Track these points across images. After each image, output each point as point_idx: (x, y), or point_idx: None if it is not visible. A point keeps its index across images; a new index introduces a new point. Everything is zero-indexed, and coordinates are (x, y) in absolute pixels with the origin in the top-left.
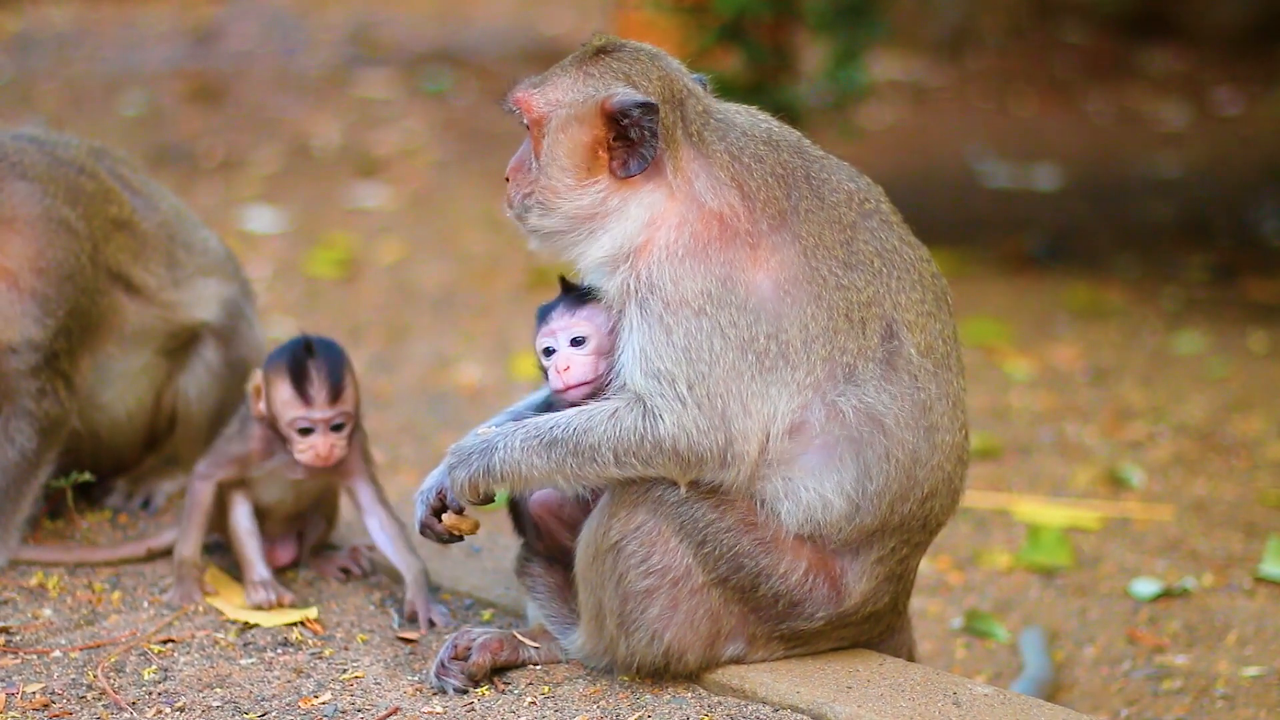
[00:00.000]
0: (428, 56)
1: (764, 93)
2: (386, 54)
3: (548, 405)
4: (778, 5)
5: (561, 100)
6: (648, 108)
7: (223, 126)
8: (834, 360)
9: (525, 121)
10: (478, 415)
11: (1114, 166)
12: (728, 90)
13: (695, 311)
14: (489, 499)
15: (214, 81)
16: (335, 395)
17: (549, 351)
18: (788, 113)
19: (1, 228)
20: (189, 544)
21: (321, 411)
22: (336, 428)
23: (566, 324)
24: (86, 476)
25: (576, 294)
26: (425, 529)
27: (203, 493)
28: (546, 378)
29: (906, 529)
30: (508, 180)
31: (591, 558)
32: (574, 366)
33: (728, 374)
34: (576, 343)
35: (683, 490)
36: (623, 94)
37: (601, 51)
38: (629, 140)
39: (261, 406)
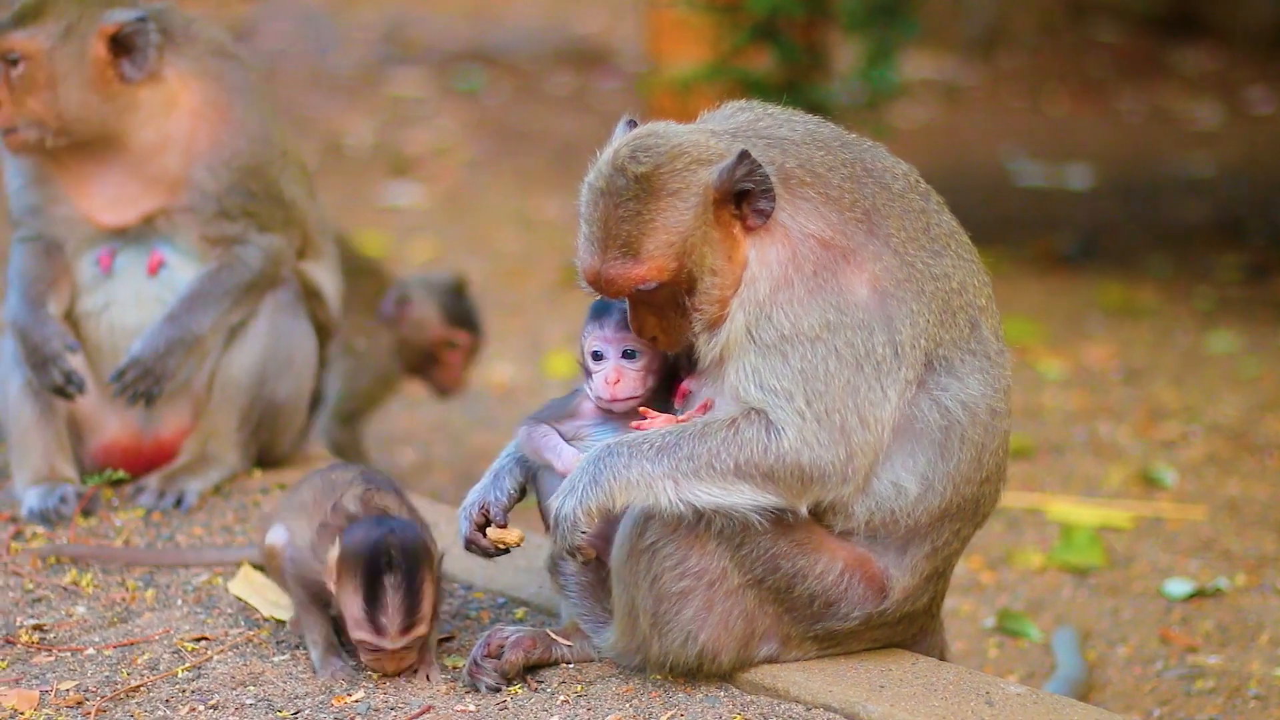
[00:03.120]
0: (460, 55)
1: (797, 92)
2: (419, 53)
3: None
4: (810, 4)
5: (683, 233)
6: (743, 158)
7: None
8: (930, 352)
9: (652, 287)
10: (510, 414)
11: (1146, 166)
12: (760, 89)
13: (812, 340)
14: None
15: None
16: (409, 625)
17: (598, 356)
18: (820, 112)
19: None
20: (317, 639)
21: (392, 643)
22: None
23: (623, 336)
24: (121, 474)
25: None
26: (470, 544)
27: (305, 602)
28: (588, 376)
29: (962, 514)
30: (655, 339)
31: (626, 556)
32: (624, 380)
33: (844, 390)
34: (628, 355)
35: (803, 511)
36: (718, 170)
37: (654, 170)
38: (746, 199)
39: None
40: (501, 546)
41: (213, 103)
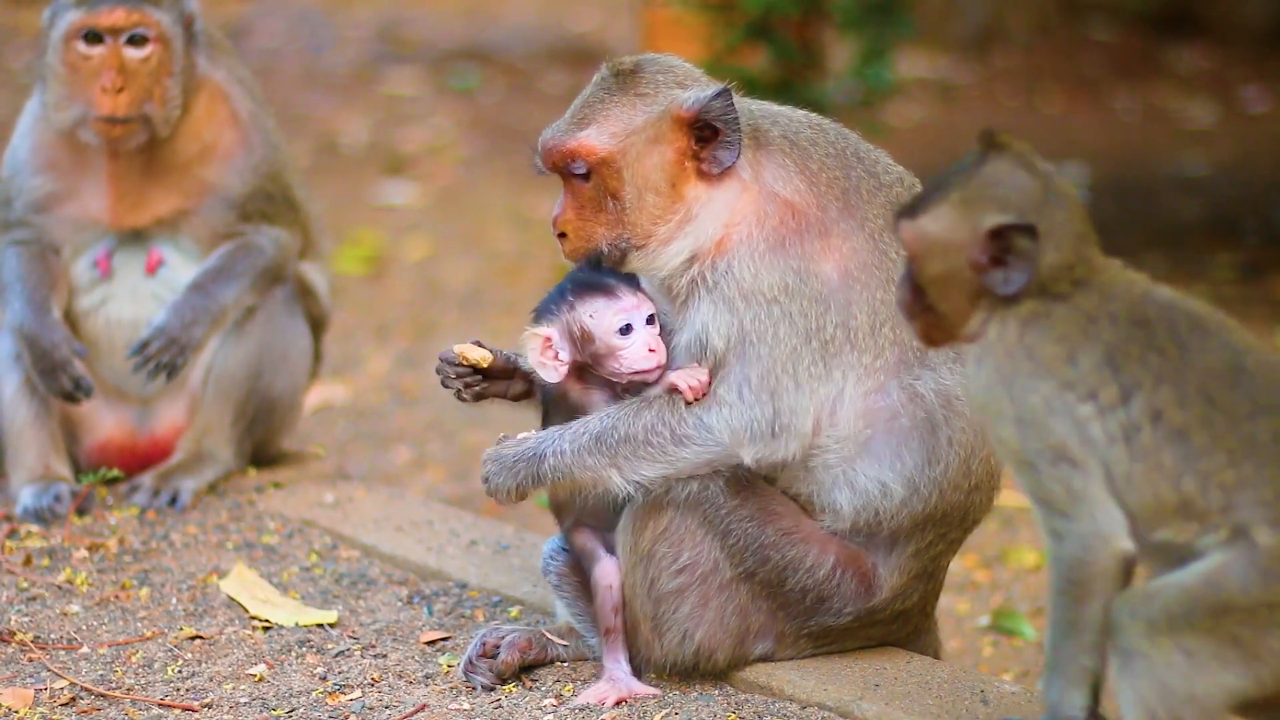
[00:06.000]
0: (455, 54)
1: (791, 90)
2: (414, 51)
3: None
4: (805, 3)
5: (628, 128)
6: (723, 94)
7: None
8: (903, 343)
9: (581, 169)
10: (504, 413)
11: (1141, 164)
12: (755, 88)
13: (769, 300)
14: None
15: None
16: None
17: (626, 329)
18: (816, 110)
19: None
20: None
21: None
22: None
23: (639, 301)
24: (115, 473)
25: (615, 269)
26: (441, 361)
27: None
28: (603, 358)
29: (948, 521)
30: (564, 235)
31: (627, 571)
32: (658, 348)
33: (788, 356)
34: (650, 321)
35: (747, 460)
36: (693, 95)
37: (633, 71)
38: (710, 140)
39: None
40: (465, 362)
41: (242, 107)
